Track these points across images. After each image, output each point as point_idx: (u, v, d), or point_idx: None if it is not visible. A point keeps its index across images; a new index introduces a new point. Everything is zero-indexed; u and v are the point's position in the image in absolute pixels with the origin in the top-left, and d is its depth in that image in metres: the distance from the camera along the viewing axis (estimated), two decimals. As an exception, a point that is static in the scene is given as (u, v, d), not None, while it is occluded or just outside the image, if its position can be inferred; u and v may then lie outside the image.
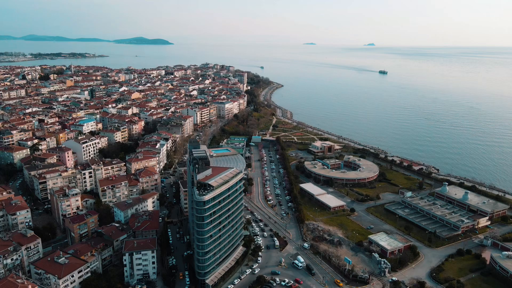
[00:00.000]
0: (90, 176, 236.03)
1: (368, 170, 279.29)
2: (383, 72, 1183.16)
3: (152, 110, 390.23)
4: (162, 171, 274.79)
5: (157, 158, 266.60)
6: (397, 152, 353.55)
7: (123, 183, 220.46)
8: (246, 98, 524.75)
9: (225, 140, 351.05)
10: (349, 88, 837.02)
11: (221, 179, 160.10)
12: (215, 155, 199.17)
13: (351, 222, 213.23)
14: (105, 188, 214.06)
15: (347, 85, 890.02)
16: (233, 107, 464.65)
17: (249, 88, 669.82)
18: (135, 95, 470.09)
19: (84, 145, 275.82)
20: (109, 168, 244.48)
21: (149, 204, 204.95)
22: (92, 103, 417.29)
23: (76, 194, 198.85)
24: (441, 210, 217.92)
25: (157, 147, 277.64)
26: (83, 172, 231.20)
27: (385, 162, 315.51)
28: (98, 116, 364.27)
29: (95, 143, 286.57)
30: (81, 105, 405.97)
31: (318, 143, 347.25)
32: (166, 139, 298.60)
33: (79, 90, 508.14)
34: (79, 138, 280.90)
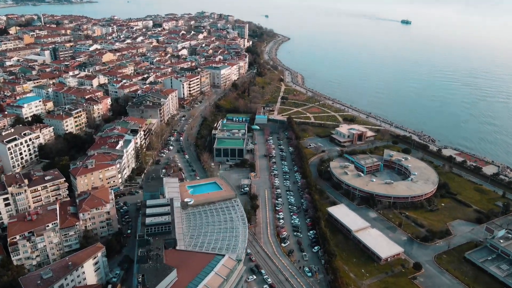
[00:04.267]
0: (8, 204, 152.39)
1: (422, 178, 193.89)
2: (406, 22, 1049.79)
3: (125, 81, 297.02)
4: (127, 183, 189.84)
5: (118, 166, 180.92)
6: (449, 141, 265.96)
7: (51, 224, 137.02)
8: (247, 59, 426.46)
9: (219, 122, 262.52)
10: (365, 41, 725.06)
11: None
12: (192, 202, 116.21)
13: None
14: (17, 238, 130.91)
15: (362, 38, 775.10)
16: (231, 72, 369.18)
17: (250, 44, 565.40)
18: (108, 57, 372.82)
19: (11, 144, 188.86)
20: (40, 189, 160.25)
21: (88, 271, 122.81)
22: (48, 70, 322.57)
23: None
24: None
25: (118, 146, 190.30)
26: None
27: (439, 159, 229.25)
28: (50, 90, 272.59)
29: (30, 140, 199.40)
30: (33, 72, 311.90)
31: (344, 129, 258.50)
32: (135, 132, 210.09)
33: (38, 49, 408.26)
34: (4, 134, 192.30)
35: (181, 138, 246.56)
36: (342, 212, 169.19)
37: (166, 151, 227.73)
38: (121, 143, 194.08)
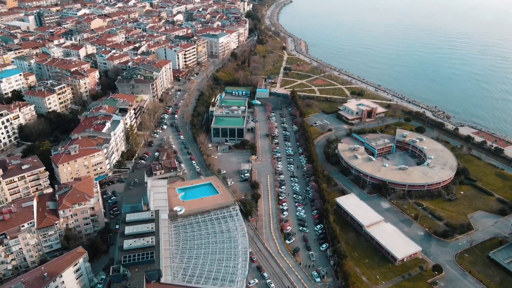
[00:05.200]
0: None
1: (439, 162, 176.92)
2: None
3: (115, 51, 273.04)
4: (116, 169, 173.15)
5: (105, 151, 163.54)
6: (465, 117, 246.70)
7: (26, 224, 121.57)
8: (247, 25, 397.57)
9: (217, 97, 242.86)
10: (376, 2, 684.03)
11: None
12: (182, 211, 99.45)
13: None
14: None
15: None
16: (230, 40, 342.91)
17: (250, 7, 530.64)
18: (96, 23, 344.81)
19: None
20: (17, 179, 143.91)
21: (68, 279, 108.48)
22: (31, 38, 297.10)
23: None
24: None
25: (105, 129, 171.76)
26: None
27: (456, 139, 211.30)
28: (33, 61, 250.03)
29: (8, 121, 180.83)
30: (15, 40, 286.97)
31: (352, 104, 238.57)
32: (124, 111, 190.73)
33: (22, 14, 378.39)
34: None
35: (176, 115, 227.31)
36: (352, 203, 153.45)
37: (159, 131, 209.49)
38: (108, 124, 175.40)
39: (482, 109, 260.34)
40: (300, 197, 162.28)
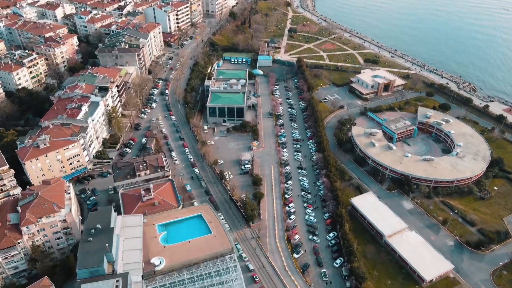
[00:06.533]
0: None
1: (470, 151, 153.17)
2: None
3: (96, 11, 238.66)
4: (96, 161, 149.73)
5: (82, 142, 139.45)
6: (494, 90, 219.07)
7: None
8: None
9: (214, 66, 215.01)
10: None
11: None
12: (163, 265, 78.70)
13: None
14: None
15: None
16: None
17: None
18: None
19: None
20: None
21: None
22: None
23: None
24: None
25: (82, 114, 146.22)
26: None
27: (486, 118, 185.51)
28: (1, 24, 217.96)
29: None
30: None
31: (366, 76, 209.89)
32: (104, 89, 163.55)
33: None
34: None
35: (167, 90, 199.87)
36: (370, 205, 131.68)
37: (147, 110, 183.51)
38: (85, 108, 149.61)
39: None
40: (309, 195, 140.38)
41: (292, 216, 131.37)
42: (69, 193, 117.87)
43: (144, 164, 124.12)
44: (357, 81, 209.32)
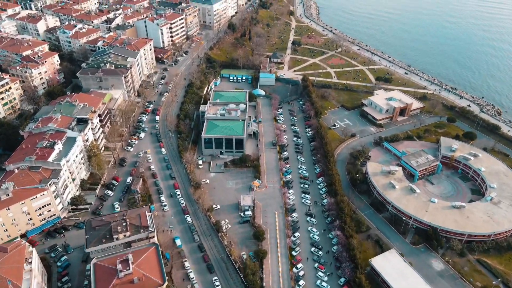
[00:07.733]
0: None
1: (505, 194, 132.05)
2: None
3: (81, 25, 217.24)
4: (72, 208, 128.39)
5: (54, 188, 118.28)
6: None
7: None
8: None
9: (211, 84, 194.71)
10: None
11: None
12: None
13: None
14: None
15: None
16: (227, 6, 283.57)
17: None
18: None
19: None
20: None
21: None
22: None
23: None
24: None
25: (53, 156, 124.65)
26: None
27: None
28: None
29: None
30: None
31: (380, 98, 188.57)
32: (84, 122, 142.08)
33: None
34: None
35: (158, 117, 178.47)
36: (393, 268, 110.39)
37: (135, 142, 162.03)
38: (59, 147, 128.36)
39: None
40: (320, 252, 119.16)
41: (301, 282, 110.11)
42: (31, 262, 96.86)
43: (124, 224, 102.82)
44: (369, 103, 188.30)
